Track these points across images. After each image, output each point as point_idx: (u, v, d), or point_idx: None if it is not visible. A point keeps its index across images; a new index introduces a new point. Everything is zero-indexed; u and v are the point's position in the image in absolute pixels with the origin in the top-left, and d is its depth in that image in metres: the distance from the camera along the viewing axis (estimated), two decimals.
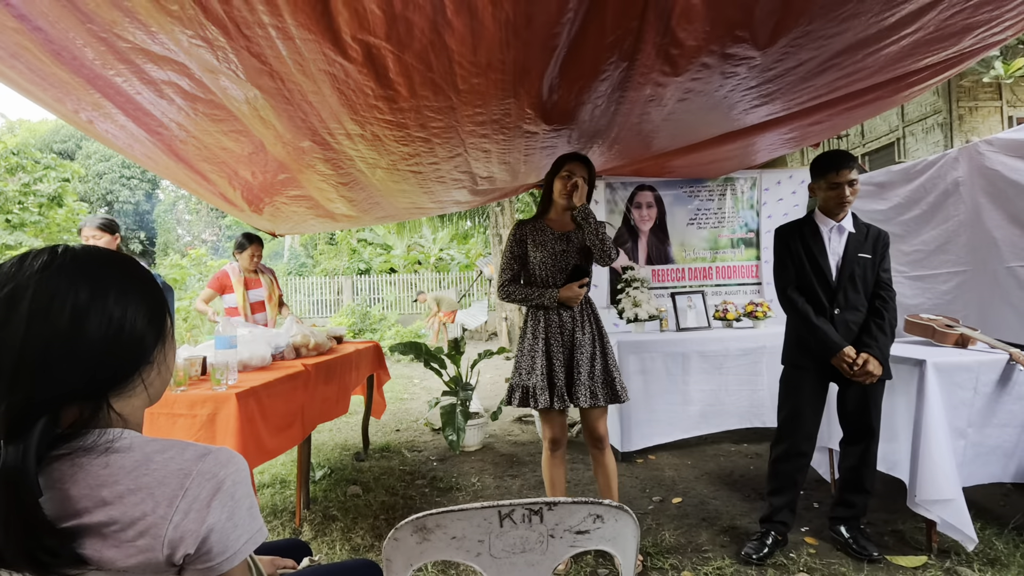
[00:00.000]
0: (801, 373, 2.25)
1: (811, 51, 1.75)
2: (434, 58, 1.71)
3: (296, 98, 1.99)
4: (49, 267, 0.66)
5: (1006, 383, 2.24)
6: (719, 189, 4.20)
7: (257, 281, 4.05)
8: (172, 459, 0.66)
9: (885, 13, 1.55)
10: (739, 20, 1.57)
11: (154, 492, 0.63)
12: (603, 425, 2.23)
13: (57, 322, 0.64)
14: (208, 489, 0.65)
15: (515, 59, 1.75)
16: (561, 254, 2.24)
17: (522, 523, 0.93)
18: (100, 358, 0.67)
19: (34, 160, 9.91)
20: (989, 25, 1.75)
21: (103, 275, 0.69)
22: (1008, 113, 7.73)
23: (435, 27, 1.54)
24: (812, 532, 2.45)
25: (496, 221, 9.93)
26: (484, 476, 3.39)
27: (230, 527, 0.66)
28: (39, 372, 0.63)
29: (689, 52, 1.70)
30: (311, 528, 2.66)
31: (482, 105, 2.06)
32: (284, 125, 2.23)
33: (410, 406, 5.70)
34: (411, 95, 1.94)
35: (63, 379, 0.64)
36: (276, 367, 2.60)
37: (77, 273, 0.67)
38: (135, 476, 0.64)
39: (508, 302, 2.34)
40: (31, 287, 0.64)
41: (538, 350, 2.20)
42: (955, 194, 3.42)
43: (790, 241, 2.27)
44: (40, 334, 0.63)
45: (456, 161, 2.73)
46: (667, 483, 3.13)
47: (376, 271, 16.50)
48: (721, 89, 2.02)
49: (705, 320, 3.88)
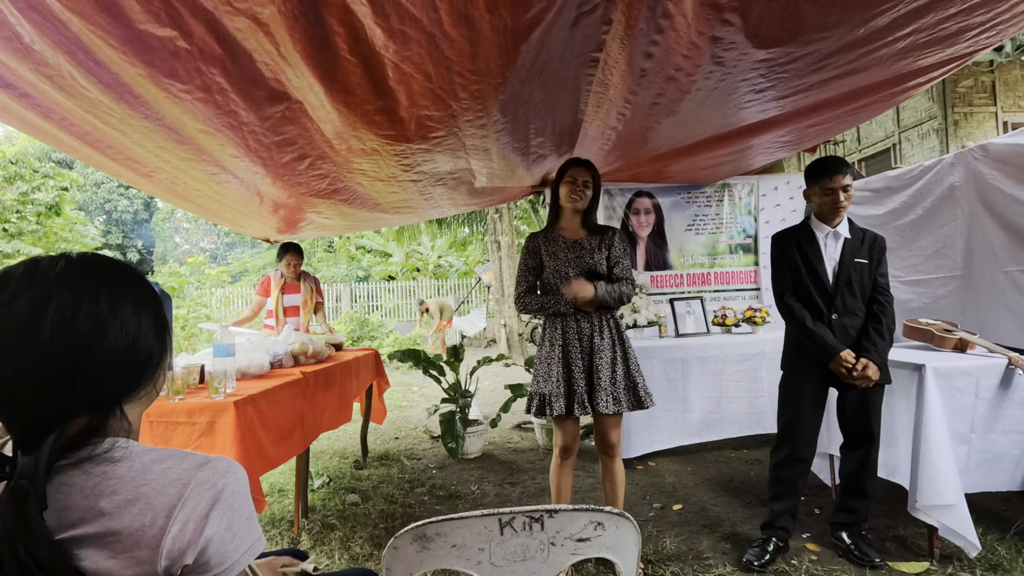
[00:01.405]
0: (800, 378, 2.25)
1: (801, 45, 1.76)
2: (433, 69, 1.72)
3: (299, 116, 2.02)
4: (69, 274, 0.66)
5: (1007, 388, 2.24)
6: (717, 195, 4.21)
7: (296, 287, 4.30)
8: (171, 468, 0.65)
9: (876, 10, 1.56)
10: (728, 4, 1.57)
11: (152, 502, 0.62)
12: (616, 433, 2.20)
13: (83, 332, 0.64)
14: (207, 499, 0.64)
15: (514, 65, 1.75)
16: (574, 261, 2.22)
17: (523, 531, 0.92)
18: (119, 368, 0.67)
19: (32, 169, 9.91)
20: (984, 26, 1.76)
21: (119, 284, 0.69)
22: (1003, 118, 7.79)
23: (432, 40, 1.55)
24: (813, 538, 2.44)
25: (494, 228, 9.95)
26: (484, 484, 3.37)
27: (229, 537, 0.65)
28: (61, 382, 0.63)
29: (680, 30, 1.70)
30: (309, 537, 2.65)
31: (482, 109, 2.07)
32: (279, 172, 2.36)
33: (409, 413, 5.69)
34: (410, 105, 1.96)
35: (83, 389, 0.64)
36: (274, 375, 2.59)
37: (97, 282, 0.67)
38: (133, 486, 0.63)
39: (524, 312, 2.34)
40: (54, 294, 0.63)
41: (554, 357, 2.19)
42: (952, 199, 3.43)
43: (787, 247, 2.27)
44: (65, 344, 0.63)
45: (456, 162, 2.74)
46: (668, 490, 3.12)
47: (375, 278, 16.50)
48: (711, 77, 2.01)
49: (704, 326, 3.88)
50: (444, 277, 16.31)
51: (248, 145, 2.22)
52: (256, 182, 2.74)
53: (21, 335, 0.61)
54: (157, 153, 2.27)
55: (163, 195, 2.94)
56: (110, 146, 2.20)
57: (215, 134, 2.08)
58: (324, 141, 2.30)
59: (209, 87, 1.71)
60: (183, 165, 2.45)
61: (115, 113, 1.84)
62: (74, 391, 0.64)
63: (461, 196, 3.53)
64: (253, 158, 2.36)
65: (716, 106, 2.33)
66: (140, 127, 1.97)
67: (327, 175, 2.75)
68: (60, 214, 9.98)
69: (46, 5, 1.28)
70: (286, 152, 2.37)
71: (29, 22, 1.34)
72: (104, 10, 1.31)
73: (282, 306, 4.23)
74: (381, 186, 2.97)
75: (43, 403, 0.62)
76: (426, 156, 2.53)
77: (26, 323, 0.61)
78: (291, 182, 2.78)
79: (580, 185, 2.22)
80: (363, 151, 2.39)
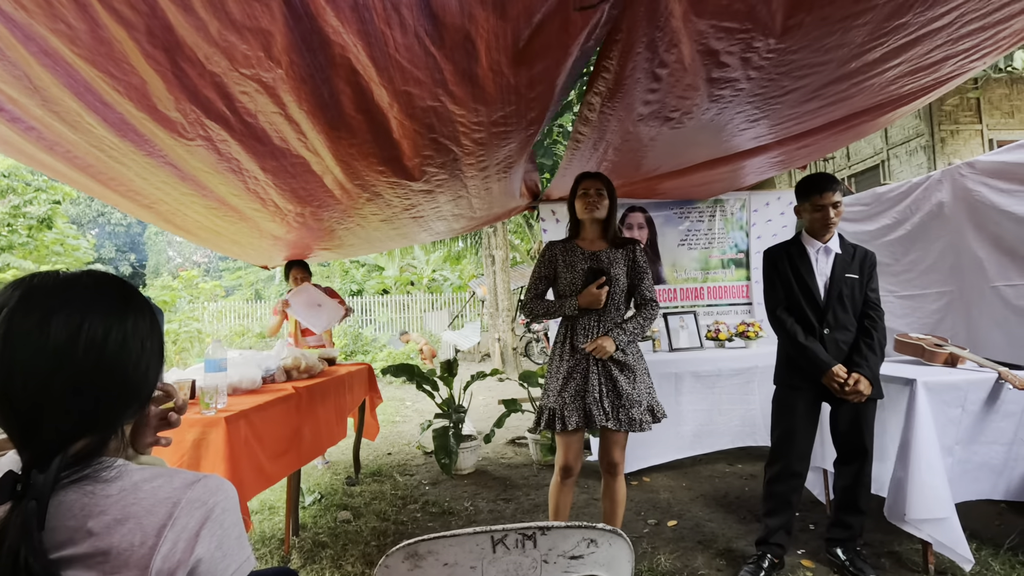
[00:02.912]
0: (793, 393, 2.26)
1: (795, 80, 1.80)
2: (436, 122, 1.76)
3: (300, 171, 2.08)
4: (98, 296, 0.67)
5: (994, 401, 2.25)
6: (709, 210, 4.25)
7: None
8: (160, 487, 0.65)
9: (868, 46, 1.60)
10: (724, 48, 1.61)
11: (142, 522, 0.62)
12: (620, 451, 2.17)
13: (112, 354, 0.65)
14: (197, 518, 0.64)
15: (517, 112, 1.80)
16: (589, 271, 2.18)
17: (515, 548, 0.92)
18: (133, 389, 0.69)
19: (25, 182, 9.87)
20: (969, 53, 1.81)
21: (140, 309, 0.71)
22: (988, 136, 7.93)
23: (436, 97, 1.59)
24: (808, 554, 2.42)
25: (488, 242, 9.99)
26: (477, 500, 3.34)
27: (219, 556, 0.65)
28: (88, 401, 0.64)
29: (678, 75, 1.75)
30: (300, 556, 2.61)
31: (484, 153, 2.12)
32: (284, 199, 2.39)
33: (402, 429, 5.64)
34: (414, 155, 2.00)
35: (104, 409, 0.66)
36: (267, 390, 2.57)
37: (122, 306, 0.69)
38: (122, 505, 0.63)
39: (531, 318, 2.31)
40: (86, 318, 0.64)
41: (563, 372, 2.16)
42: (940, 215, 3.48)
43: (778, 262, 2.29)
44: (96, 365, 0.64)
45: (457, 201, 2.80)
46: (662, 505, 3.10)
47: (369, 292, 16.45)
48: (708, 112, 2.07)
49: (698, 340, 3.89)
50: (438, 291, 16.29)
51: (248, 188, 2.25)
52: (256, 219, 2.77)
53: (54, 355, 0.62)
54: (158, 186, 2.30)
55: (161, 224, 2.96)
56: (112, 178, 2.21)
57: (216, 175, 2.10)
58: (325, 192, 2.36)
59: (211, 138, 1.75)
60: (184, 199, 2.48)
61: (119, 148, 1.87)
62: (96, 411, 0.65)
63: (459, 223, 3.59)
64: (253, 198, 2.39)
65: (711, 135, 2.38)
66: (143, 162, 2.00)
67: (328, 218, 2.81)
68: (52, 227, 9.93)
69: (59, 53, 1.30)
70: (287, 199, 2.42)
71: (41, 65, 1.36)
72: (113, 62, 1.33)
73: (300, 328, 4.13)
74: (383, 224, 3.04)
75: (67, 422, 0.63)
76: (428, 196, 2.58)
77: (60, 344, 0.62)
78: (292, 223, 2.82)
79: (594, 195, 2.19)
80: (366, 197, 2.45)
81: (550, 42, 1.43)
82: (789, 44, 1.55)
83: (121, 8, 1.15)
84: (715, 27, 1.46)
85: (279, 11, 1.20)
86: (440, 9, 1.26)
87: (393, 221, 2.99)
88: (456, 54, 1.42)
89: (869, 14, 1.42)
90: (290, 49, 1.33)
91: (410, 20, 1.28)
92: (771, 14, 1.41)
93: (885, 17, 1.45)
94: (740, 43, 1.54)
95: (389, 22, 1.27)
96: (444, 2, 1.24)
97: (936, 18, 1.50)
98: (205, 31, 1.24)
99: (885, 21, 1.47)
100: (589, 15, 1.35)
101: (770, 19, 1.43)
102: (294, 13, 1.23)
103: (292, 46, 1.32)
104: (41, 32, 1.22)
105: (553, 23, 1.35)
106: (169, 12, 1.18)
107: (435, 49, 1.38)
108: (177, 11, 1.17)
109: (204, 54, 1.32)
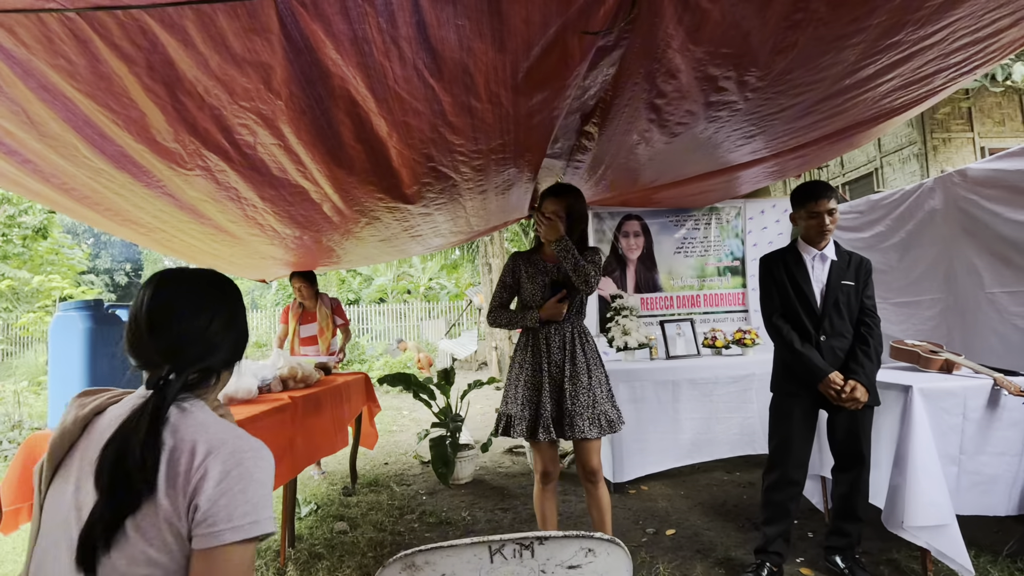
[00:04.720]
0: (790, 400, 2.26)
1: (791, 98, 1.82)
2: (435, 151, 1.77)
3: (299, 200, 2.09)
4: (217, 282, 1.00)
5: (995, 408, 2.25)
6: (704, 218, 4.27)
7: (312, 315, 4.11)
8: (222, 429, 0.86)
9: (861, 63, 1.62)
10: (722, 73, 1.63)
11: (197, 446, 0.81)
12: (597, 458, 2.18)
13: (224, 320, 0.96)
14: (233, 461, 0.81)
15: (516, 140, 1.81)
16: (551, 284, 2.23)
17: (513, 558, 0.91)
18: (232, 346, 0.98)
19: None
20: (960, 66, 1.83)
21: (239, 296, 1.02)
22: (980, 144, 8.01)
23: (435, 128, 1.61)
24: (807, 563, 2.41)
25: (485, 251, 10.00)
26: (475, 510, 3.32)
27: (241, 500, 0.78)
28: (213, 348, 0.94)
29: (675, 101, 1.76)
30: (296, 567, 2.58)
31: (483, 178, 2.14)
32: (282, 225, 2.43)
33: (399, 438, 5.61)
34: (412, 182, 2.01)
35: (217, 354, 0.95)
36: (262, 400, 2.55)
37: (233, 291, 1.01)
38: (193, 431, 0.83)
39: (495, 327, 2.36)
40: (207, 297, 0.96)
41: (522, 380, 2.20)
42: (933, 223, 3.50)
43: (774, 269, 2.30)
44: (216, 327, 0.95)
45: (455, 220, 2.83)
46: (660, 514, 3.09)
47: (365, 301, 16.42)
48: (705, 132, 2.09)
49: (694, 348, 3.89)
50: (435, 299, 16.28)
51: (247, 215, 2.26)
52: (255, 243, 2.79)
53: (188, 317, 0.92)
54: (155, 215, 2.31)
55: (159, 248, 2.98)
56: (109, 208, 2.22)
57: (214, 203, 2.11)
58: (324, 218, 2.38)
59: (210, 168, 1.76)
60: (182, 225, 2.50)
61: (117, 180, 1.88)
62: (211, 355, 0.93)
63: (456, 237, 3.62)
64: (251, 224, 2.41)
65: (708, 152, 2.41)
66: (141, 193, 2.01)
67: (327, 240, 2.83)
68: (47, 237, 9.90)
69: (58, 88, 1.31)
70: (286, 224, 2.44)
71: (40, 100, 1.37)
72: (113, 96, 1.34)
73: (298, 337, 4.06)
74: (381, 244, 3.07)
75: (195, 360, 0.91)
76: (426, 218, 2.61)
77: (190, 311, 0.92)
78: (290, 245, 2.85)
79: (546, 217, 2.14)
80: (365, 221, 2.47)
81: (548, 74, 1.44)
82: (784, 65, 1.56)
83: (122, 44, 1.16)
84: (712, 54, 1.48)
85: (279, 45, 1.21)
86: (439, 43, 1.27)
87: (391, 240, 3.02)
88: (455, 86, 1.43)
89: (863, 34, 1.44)
90: (290, 81, 1.34)
91: (409, 53, 1.29)
92: (766, 38, 1.42)
93: (878, 36, 1.47)
94: (737, 67, 1.56)
95: (388, 55, 1.29)
96: (443, 36, 1.25)
97: (928, 36, 1.52)
98: (205, 65, 1.25)
99: (878, 40, 1.49)
100: (588, 45, 1.36)
101: (765, 43, 1.44)
102: (294, 47, 1.24)
103: (292, 79, 1.33)
104: (41, 68, 1.23)
105: (551, 56, 1.37)
106: (170, 47, 1.19)
107: (434, 81, 1.40)
108: (178, 46, 1.18)
109: (204, 87, 1.33)
